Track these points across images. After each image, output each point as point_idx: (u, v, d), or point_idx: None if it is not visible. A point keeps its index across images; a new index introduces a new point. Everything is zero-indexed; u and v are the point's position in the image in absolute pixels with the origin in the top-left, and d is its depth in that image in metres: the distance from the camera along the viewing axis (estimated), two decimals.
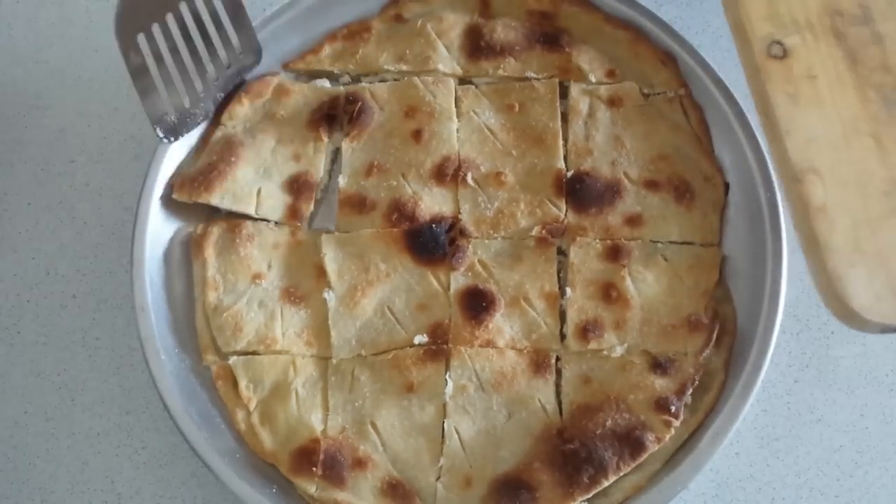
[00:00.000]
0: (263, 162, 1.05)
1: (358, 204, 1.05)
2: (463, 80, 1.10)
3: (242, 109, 1.07)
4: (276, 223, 1.04)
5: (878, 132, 0.83)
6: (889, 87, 0.84)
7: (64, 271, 1.08)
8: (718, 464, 1.00)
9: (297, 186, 1.05)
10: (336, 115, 1.07)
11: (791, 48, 0.86)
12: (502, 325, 0.99)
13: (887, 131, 0.83)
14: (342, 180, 1.06)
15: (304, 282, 1.02)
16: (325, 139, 1.07)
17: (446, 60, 1.09)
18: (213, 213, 1.05)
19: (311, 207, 1.05)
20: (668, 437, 0.93)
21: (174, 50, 0.99)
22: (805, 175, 0.81)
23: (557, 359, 0.98)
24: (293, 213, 1.04)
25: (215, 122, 1.07)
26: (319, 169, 1.06)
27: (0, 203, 1.11)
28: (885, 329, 0.78)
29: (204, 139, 1.07)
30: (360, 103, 1.07)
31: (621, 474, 0.92)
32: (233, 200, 1.03)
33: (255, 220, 1.04)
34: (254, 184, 1.04)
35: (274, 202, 1.04)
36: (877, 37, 0.86)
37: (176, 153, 1.03)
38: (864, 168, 0.82)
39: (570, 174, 1.04)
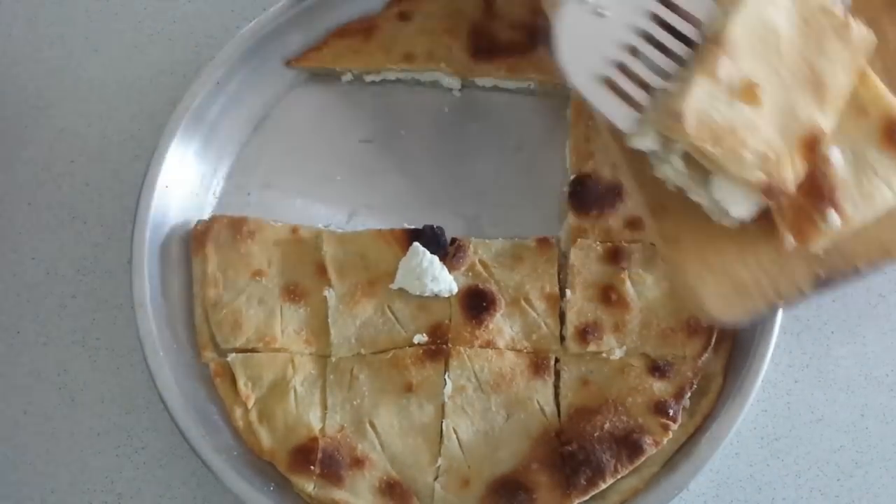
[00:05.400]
0: None
1: None
2: (466, 80, 1.10)
3: None
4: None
5: None
6: None
7: (64, 271, 1.08)
8: (718, 464, 1.00)
9: None
10: None
11: None
12: (502, 326, 0.99)
13: None
14: None
15: (304, 280, 1.02)
16: None
17: (449, 60, 1.09)
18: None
19: None
20: (665, 440, 0.93)
21: None
22: None
23: (556, 360, 0.98)
24: None
25: None
26: None
27: (0, 203, 1.11)
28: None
29: None
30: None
31: (619, 477, 0.92)
32: None
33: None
34: None
35: None
36: None
37: (176, 152, 1.03)
38: None
39: (571, 176, 1.04)
